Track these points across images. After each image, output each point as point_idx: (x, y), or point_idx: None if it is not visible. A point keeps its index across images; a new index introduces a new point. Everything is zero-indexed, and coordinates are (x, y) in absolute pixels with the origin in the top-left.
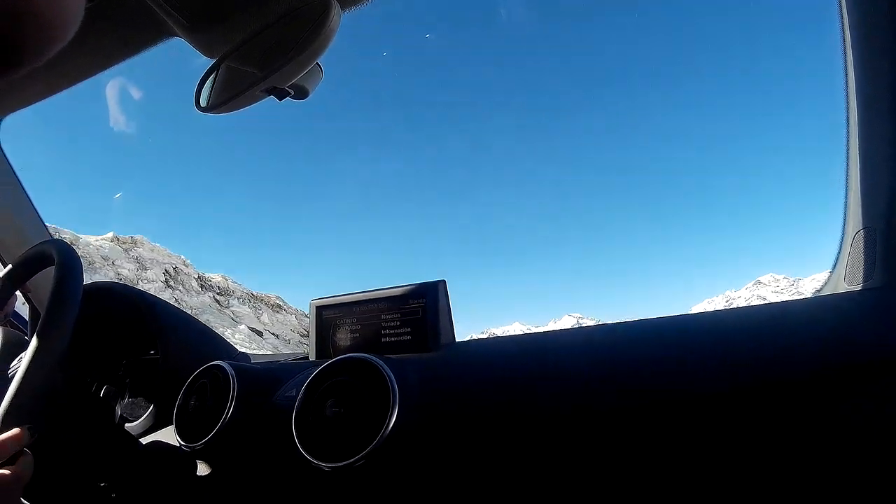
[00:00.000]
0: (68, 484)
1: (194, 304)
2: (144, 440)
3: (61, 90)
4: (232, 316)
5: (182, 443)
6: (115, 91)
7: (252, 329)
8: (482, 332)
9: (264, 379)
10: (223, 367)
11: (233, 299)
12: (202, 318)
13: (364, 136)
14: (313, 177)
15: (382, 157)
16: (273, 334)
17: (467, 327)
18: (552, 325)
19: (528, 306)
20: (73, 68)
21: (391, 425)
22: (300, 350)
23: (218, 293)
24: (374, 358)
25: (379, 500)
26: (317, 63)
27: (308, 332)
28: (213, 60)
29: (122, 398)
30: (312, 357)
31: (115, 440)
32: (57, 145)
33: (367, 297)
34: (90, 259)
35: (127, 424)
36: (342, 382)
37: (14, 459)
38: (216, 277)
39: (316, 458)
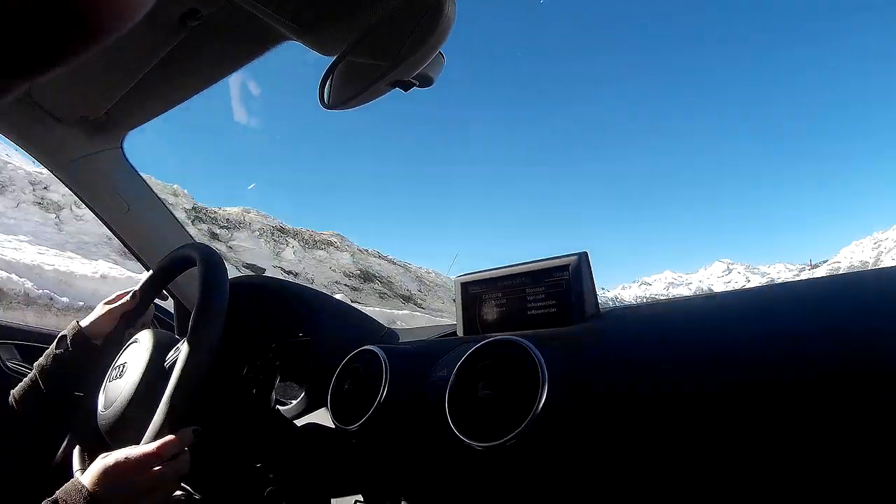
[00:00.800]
0: (227, 466)
1: None
2: (299, 422)
3: (178, 104)
4: (226, 249)
5: (338, 425)
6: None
7: (248, 265)
8: (634, 282)
9: (415, 360)
10: (374, 352)
11: (243, 233)
12: None
13: (491, 104)
14: (443, 145)
15: (517, 123)
16: (290, 273)
17: (618, 278)
18: (702, 272)
19: (677, 253)
20: (188, 81)
21: (541, 405)
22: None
23: (222, 226)
24: (522, 340)
25: (531, 479)
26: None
27: (362, 275)
28: (332, 57)
29: (274, 382)
30: (460, 332)
31: (271, 424)
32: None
33: (511, 272)
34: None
35: (281, 408)
36: (491, 363)
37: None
38: (232, 210)
39: (468, 438)
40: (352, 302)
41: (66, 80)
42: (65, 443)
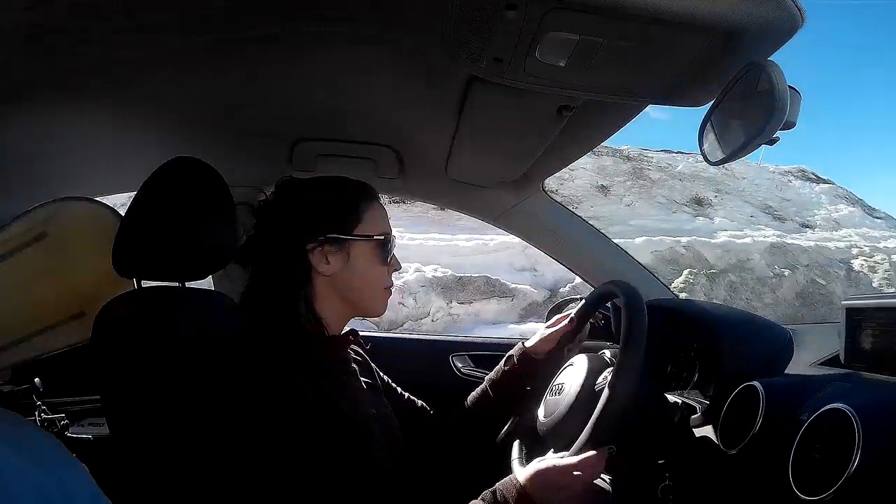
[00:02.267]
0: (637, 458)
1: None
2: (698, 432)
3: (590, 149)
4: None
5: (719, 445)
6: None
7: None
8: None
9: (789, 396)
10: (755, 388)
11: None
12: None
13: None
14: None
15: None
16: None
17: None
18: None
19: None
20: (588, 137)
21: (854, 468)
22: None
23: None
24: (849, 409)
25: None
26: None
27: None
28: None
29: (692, 378)
30: (842, 359)
31: (677, 428)
32: None
33: (888, 303)
34: None
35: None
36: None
37: None
38: None
39: (797, 487)
40: None
41: (480, 164)
42: (507, 426)
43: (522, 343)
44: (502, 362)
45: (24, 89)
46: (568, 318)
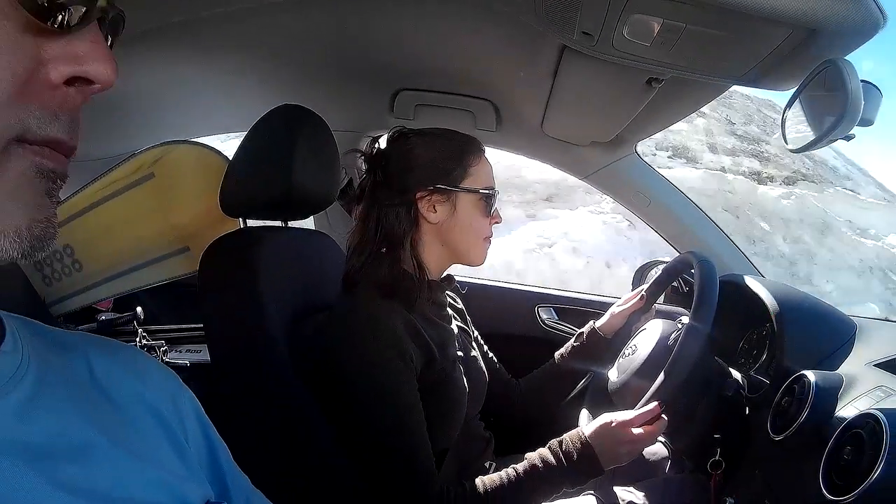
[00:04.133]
0: (696, 430)
1: None
2: (755, 414)
3: (683, 117)
4: None
5: (769, 430)
6: None
7: None
8: None
9: (838, 393)
10: (808, 379)
11: None
12: None
13: None
14: None
15: None
16: None
17: None
18: None
19: None
20: (678, 107)
21: (875, 476)
22: None
23: None
24: (881, 415)
25: None
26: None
27: None
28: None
29: (761, 356)
30: None
31: (739, 407)
32: None
33: None
34: None
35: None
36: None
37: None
38: None
39: (825, 485)
40: None
41: (573, 124)
42: (581, 383)
43: (593, 322)
44: (572, 339)
45: (137, 37)
46: (639, 296)
